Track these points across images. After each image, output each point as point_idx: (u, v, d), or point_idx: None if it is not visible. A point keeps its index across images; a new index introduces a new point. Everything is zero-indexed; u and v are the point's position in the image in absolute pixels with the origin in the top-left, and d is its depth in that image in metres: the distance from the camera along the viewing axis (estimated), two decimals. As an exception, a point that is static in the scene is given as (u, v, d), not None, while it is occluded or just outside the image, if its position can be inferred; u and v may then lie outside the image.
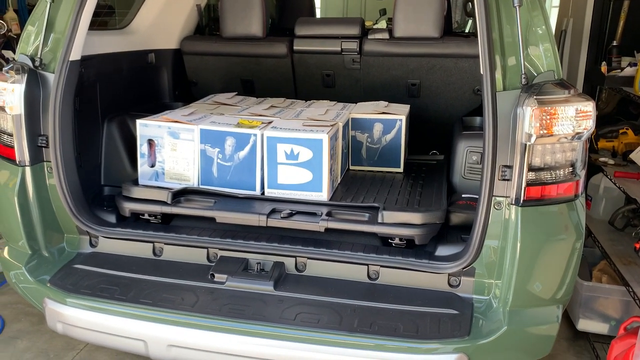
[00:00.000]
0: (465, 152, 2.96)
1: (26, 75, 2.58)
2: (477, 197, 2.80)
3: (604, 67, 3.72)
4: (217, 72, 4.01)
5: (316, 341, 2.23)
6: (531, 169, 2.16)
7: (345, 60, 3.78)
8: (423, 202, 2.83)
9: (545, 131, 2.11)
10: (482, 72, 2.25)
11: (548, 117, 2.09)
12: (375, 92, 3.77)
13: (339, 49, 3.74)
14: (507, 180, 2.23)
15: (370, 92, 3.79)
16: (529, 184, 2.17)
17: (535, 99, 2.11)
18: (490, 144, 2.20)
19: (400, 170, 3.36)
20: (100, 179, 3.22)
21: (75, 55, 2.65)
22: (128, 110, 3.42)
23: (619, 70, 3.69)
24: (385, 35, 3.66)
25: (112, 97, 3.30)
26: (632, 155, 3.64)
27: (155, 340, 2.37)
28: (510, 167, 2.22)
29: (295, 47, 3.81)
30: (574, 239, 2.28)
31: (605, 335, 3.48)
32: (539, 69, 2.25)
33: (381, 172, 3.37)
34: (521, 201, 2.20)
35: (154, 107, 3.63)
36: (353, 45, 3.72)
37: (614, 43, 3.99)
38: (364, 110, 3.40)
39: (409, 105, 3.49)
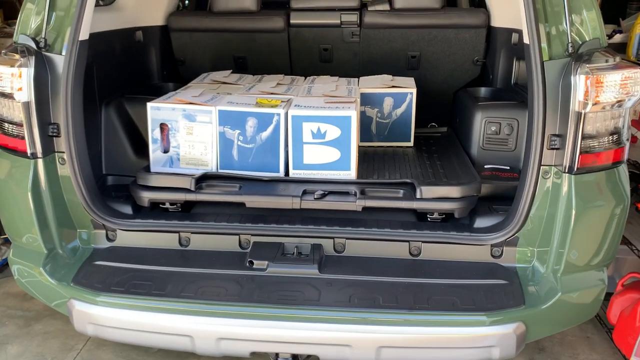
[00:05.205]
0: (483, 123, 2.97)
1: (33, 57, 2.34)
2: (502, 167, 2.84)
3: (594, 35, 3.81)
4: (206, 50, 3.81)
5: (379, 322, 2.19)
6: (584, 136, 2.19)
7: (344, 33, 3.68)
8: (449, 175, 2.82)
9: (598, 99, 2.14)
10: (527, 42, 2.25)
11: (600, 85, 2.12)
12: (373, 65, 3.71)
13: (338, 21, 3.65)
14: (557, 149, 2.25)
15: (369, 66, 3.73)
16: (582, 152, 2.20)
17: (588, 67, 2.13)
18: (541, 114, 2.21)
19: (411, 144, 3.34)
20: (102, 168, 3.01)
21: (84, 34, 2.43)
22: (122, 93, 3.19)
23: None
24: (386, 7, 3.60)
25: (106, 79, 3.07)
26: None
27: (203, 335, 2.25)
28: (559, 135, 2.23)
29: (292, 21, 3.67)
30: (619, 203, 2.34)
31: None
32: (584, 37, 2.27)
33: (391, 147, 3.33)
34: (575, 169, 2.23)
35: (146, 89, 3.42)
36: (353, 17, 3.63)
37: (597, 10, 4.09)
38: (370, 85, 3.33)
39: (412, 78, 3.45)
